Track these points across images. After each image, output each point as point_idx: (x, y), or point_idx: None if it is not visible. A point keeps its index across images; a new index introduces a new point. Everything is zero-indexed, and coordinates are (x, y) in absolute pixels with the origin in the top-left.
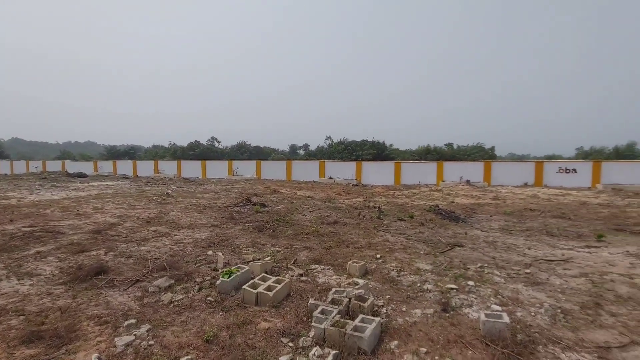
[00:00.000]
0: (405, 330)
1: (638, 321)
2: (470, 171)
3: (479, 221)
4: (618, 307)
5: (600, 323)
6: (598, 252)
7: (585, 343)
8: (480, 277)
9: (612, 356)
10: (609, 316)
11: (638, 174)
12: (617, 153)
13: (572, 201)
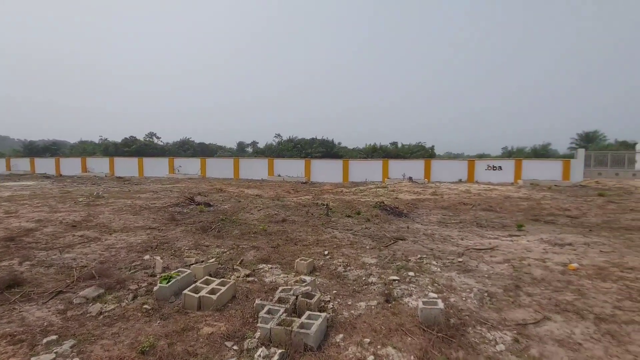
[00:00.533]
0: (351, 323)
1: (549, 299)
2: (413, 169)
3: (420, 215)
4: (533, 288)
5: (519, 303)
6: (518, 240)
7: (507, 322)
8: (419, 267)
9: (528, 332)
10: (526, 296)
11: (551, 171)
12: (535, 152)
13: (498, 195)
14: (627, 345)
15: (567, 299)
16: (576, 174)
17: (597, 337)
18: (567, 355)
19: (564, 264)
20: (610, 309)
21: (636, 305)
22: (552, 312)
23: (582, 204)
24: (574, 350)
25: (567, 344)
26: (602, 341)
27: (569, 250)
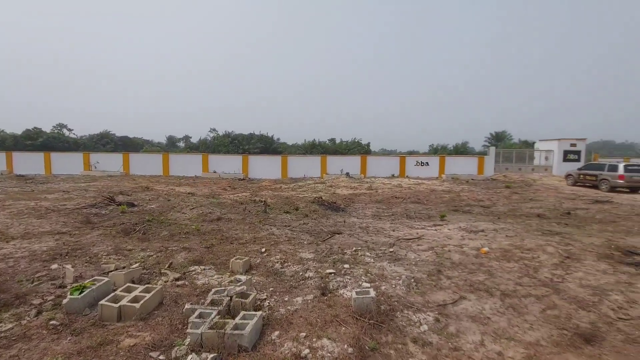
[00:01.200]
0: (287, 319)
1: (465, 281)
2: (350, 165)
3: (356, 210)
4: (452, 272)
5: (440, 286)
6: (441, 229)
7: (430, 304)
8: (354, 259)
9: (447, 311)
10: (446, 279)
11: (468, 166)
12: (456, 150)
13: (425, 189)
14: (525, 316)
15: (479, 279)
16: (488, 169)
17: (502, 311)
18: (478, 329)
19: (477, 249)
20: (512, 286)
21: (532, 281)
22: (467, 292)
23: (493, 195)
24: (484, 324)
25: (478, 319)
26: (506, 314)
27: (481, 236)
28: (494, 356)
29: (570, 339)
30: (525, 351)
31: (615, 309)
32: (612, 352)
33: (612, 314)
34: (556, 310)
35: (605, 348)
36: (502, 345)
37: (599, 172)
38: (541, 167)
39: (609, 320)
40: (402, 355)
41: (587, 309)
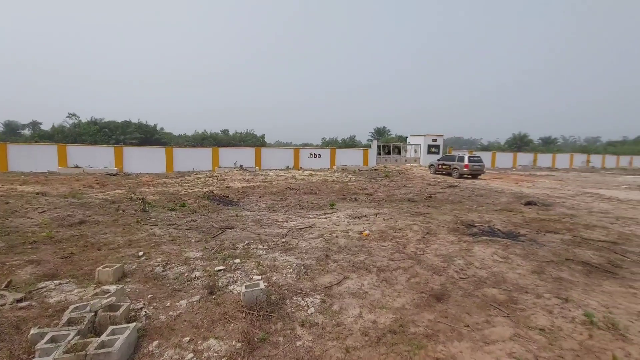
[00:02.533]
0: (169, 326)
1: (348, 262)
2: (244, 157)
3: (250, 203)
4: (338, 255)
5: (327, 269)
6: (330, 217)
7: (317, 287)
8: (246, 253)
9: (332, 292)
10: (333, 263)
11: (355, 158)
12: (345, 143)
13: (318, 180)
14: (395, 286)
15: (361, 259)
16: (372, 160)
17: (377, 284)
18: (358, 304)
19: (360, 232)
20: (386, 262)
21: (401, 256)
22: (350, 272)
23: (375, 184)
24: (363, 298)
25: (358, 295)
26: (380, 286)
27: (364, 220)
28: (369, 325)
29: (426, 300)
30: (393, 316)
31: (458, 271)
32: (455, 305)
33: (456, 275)
34: (417, 278)
35: (450, 303)
36: (376, 314)
37: (451, 162)
38: (412, 159)
39: (454, 280)
40: (290, 340)
41: (439, 273)
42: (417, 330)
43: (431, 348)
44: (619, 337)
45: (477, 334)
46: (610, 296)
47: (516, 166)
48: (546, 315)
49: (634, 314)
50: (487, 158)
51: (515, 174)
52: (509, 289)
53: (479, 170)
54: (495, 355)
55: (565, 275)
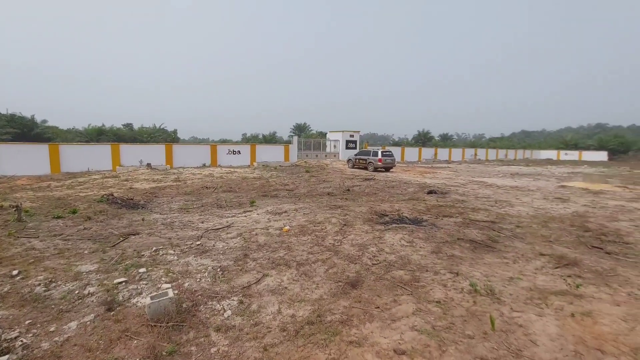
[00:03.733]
0: (54, 354)
1: (268, 259)
2: (152, 154)
3: (160, 205)
4: (258, 253)
5: (246, 269)
6: (251, 214)
7: (235, 289)
8: (154, 260)
9: (250, 292)
10: (252, 262)
11: (277, 154)
12: (265, 139)
13: (237, 177)
14: (314, 278)
15: (280, 255)
16: (293, 156)
17: (297, 279)
18: (277, 300)
19: (280, 228)
20: (306, 255)
21: (320, 248)
22: (269, 269)
23: (296, 179)
24: (282, 294)
25: (277, 291)
26: (300, 280)
27: (285, 216)
28: (288, 320)
29: (342, 288)
30: (311, 307)
31: (371, 258)
32: (368, 289)
33: (369, 262)
34: (335, 268)
35: (364, 288)
36: (295, 308)
37: (367, 157)
38: (332, 154)
39: (367, 267)
40: (203, 348)
41: (355, 262)
42: (333, 318)
43: (345, 333)
44: (495, 300)
45: (385, 313)
46: (489, 267)
47: (421, 160)
48: (442, 289)
49: (506, 279)
50: (398, 153)
51: (420, 167)
52: (413, 269)
53: (391, 164)
54: (400, 330)
55: (457, 253)
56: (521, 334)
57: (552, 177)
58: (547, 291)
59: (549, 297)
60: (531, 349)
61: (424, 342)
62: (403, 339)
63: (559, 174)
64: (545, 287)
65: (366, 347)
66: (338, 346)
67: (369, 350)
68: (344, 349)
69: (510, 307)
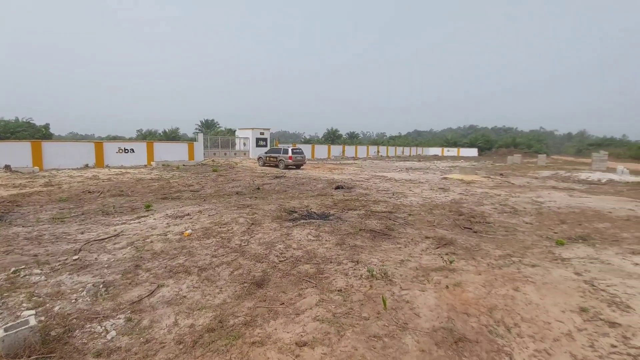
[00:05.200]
0: None
1: (165, 268)
2: (13, 154)
3: (24, 215)
4: (152, 262)
5: (136, 281)
6: (146, 220)
7: (122, 305)
8: (11, 284)
9: (142, 306)
10: (144, 272)
11: (179, 152)
12: (166, 135)
13: (130, 179)
14: (217, 282)
15: (180, 262)
16: (198, 155)
17: (198, 285)
18: (173, 311)
19: (181, 233)
20: (209, 259)
21: (225, 250)
22: (166, 279)
23: (202, 179)
24: (180, 304)
25: (174, 302)
26: (201, 287)
27: (187, 220)
28: (186, 331)
29: (248, 289)
30: (213, 314)
31: (278, 255)
32: (274, 287)
33: (276, 259)
34: (241, 269)
35: (270, 287)
36: (194, 317)
37: (277, 154)
38: (241, 152)
39: (274, 264)
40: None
41: (261, 260)
42: (236, 321)
43: (248, 334)
44: (388, 282)
45: (290, 308)
46: (385, 253)
47: (330, 157)
48: (343, 278)
49: (398, 262)
50: (308, 150)
51: (329, 164)
52: (318, 262)
53: (301, 161)
54: (303, 322)
55: (358, 243)
56: (408, 309)
57: (437, 171)
58: (429, 269)
59: (430, 273)
60: (415, 320)
61: (325, 331)
62: (305, 330)
63: (443, 168)
64: (428, 266)
65: (269, 345)
66: (240, 349)
67: (272, 348)
68: (246, 351)
69: (400, 287)
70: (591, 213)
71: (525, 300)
